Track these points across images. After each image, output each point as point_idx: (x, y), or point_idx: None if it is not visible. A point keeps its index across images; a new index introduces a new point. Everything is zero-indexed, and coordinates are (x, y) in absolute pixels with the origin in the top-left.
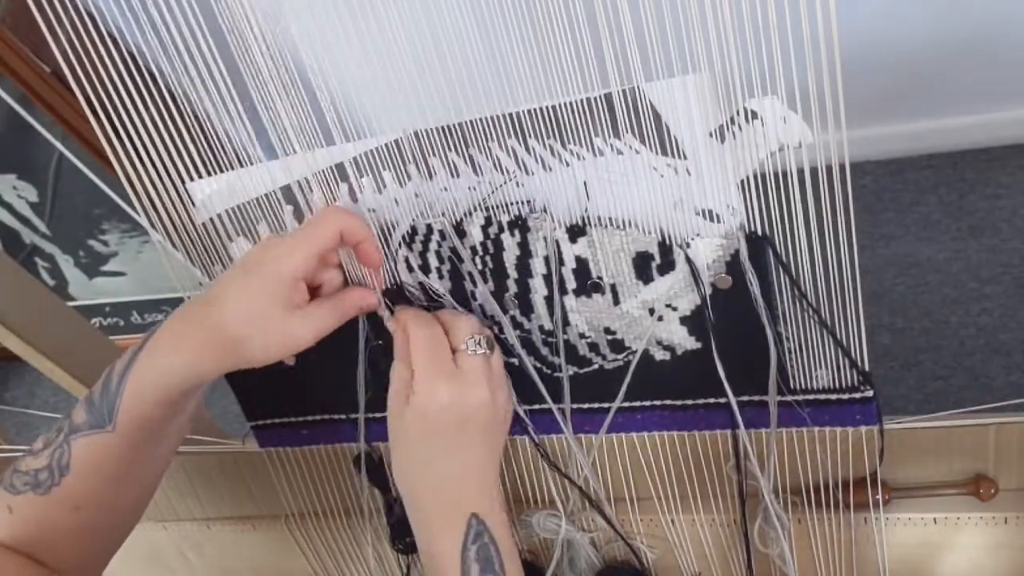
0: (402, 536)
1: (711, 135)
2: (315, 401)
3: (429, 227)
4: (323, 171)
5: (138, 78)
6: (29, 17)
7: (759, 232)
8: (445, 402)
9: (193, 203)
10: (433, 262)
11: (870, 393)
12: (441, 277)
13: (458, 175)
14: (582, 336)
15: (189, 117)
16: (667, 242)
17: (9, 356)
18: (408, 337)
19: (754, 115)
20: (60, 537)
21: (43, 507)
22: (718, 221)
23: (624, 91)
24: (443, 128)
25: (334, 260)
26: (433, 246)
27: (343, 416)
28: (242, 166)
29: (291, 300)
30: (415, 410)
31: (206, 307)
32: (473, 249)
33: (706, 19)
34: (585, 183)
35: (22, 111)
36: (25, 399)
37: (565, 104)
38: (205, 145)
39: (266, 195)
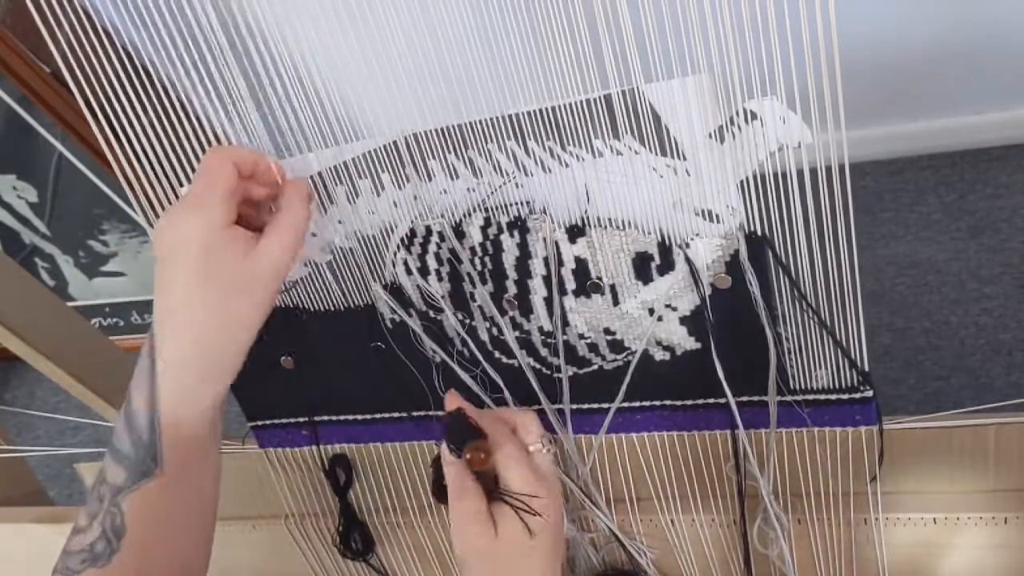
0: (347, 543)
1: (711, 136)
2: (314, 402)
3: (428, 229)
4: (321, 173)
5: (135, 79)
6: (29, 17)
7: (759, 232)
8: (554, 516)
9: None
10: (432, 264)
11: (870, 393)
12: (440, 279)
13: (457, 177)
14: (581, 337)
15: (188, 118)
16: (667, 242)
17: (9, 356)
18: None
19: (753, 116)
20: None
21: None
22: (718, 221)
23: (623, 92)
24: (442, 130)
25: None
26: (432, 248)
27: (342, 417)
28: None
29: (240, 250)
30: (514, 524)
31: (182, 314)
32: (472, 250)
33: (706, 20)
34: (585, 184)
35: (22, 111)
36: (25, 399)
37: (564, 105)
38: (204, 146)
39: None
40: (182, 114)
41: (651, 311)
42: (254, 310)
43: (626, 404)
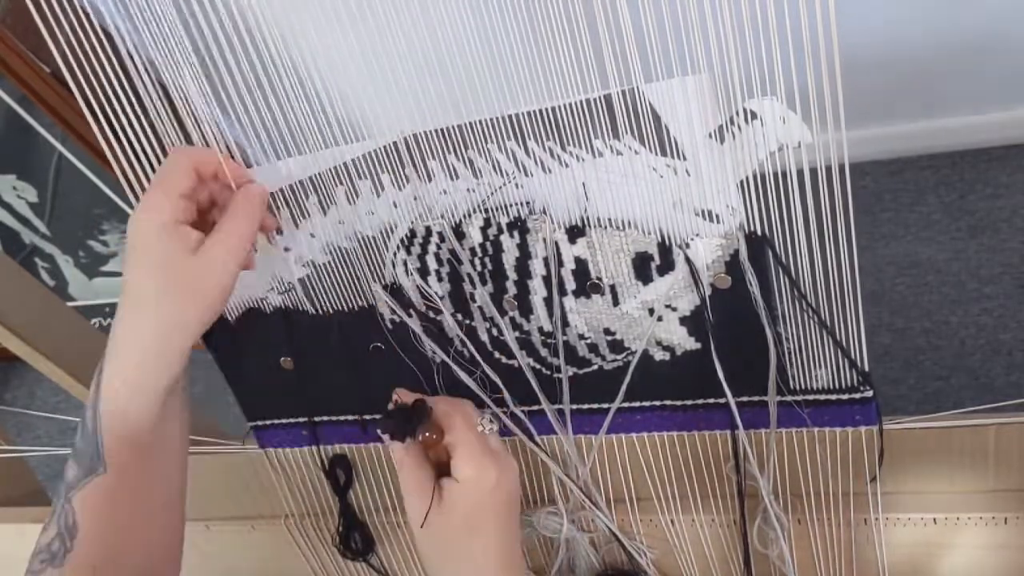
0: (347, 543)
1: (710, 136)
2: (314, 401)
3: (428, 229)
4: (321, 174)
5: (135, 79)
6: (29, 17)
7: (759, 232)
8: (493, 483)
9: None
10: (432, 264)
11: (870, 393)
12: (440, 280)
13: (457, 177)
14: (581, 337)
15: (188, 119)
16: (666, 243)
17: (9, 356)
18: (443, 426)
19: (753, 115)
20: None
21: None
22: (717, 221)
23: (623, 92)
24: (442, 130)
25: (205, 189)
26: (432, 248)
27: (342, 417)
28: None
29: (183, 248)
30: (465, 498)
31: (129, 303)
32: (472, 251)
33: (706, 20)
34: (584, 184)
35: (22, 111)
36: (25, 399)
37: (564, 106)
38: (204, 147)
39: None
40: (182, 114)
41: (651, 311)
42: (197, 307)
43: (626, 404)
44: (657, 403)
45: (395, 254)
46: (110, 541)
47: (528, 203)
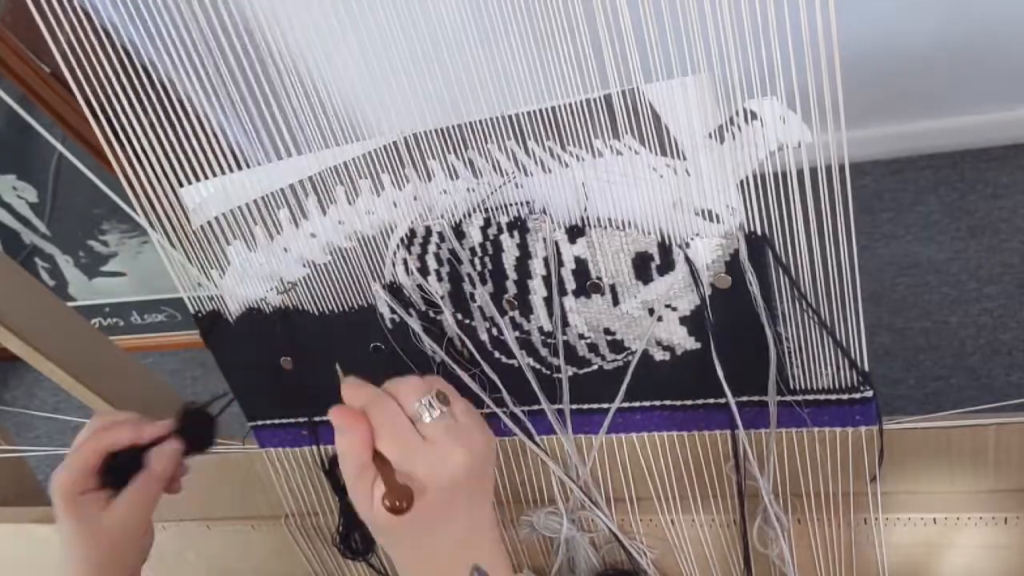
0: (348, 542)
1: (710, 136)
2: (314, 401)
3: (428, 229)
4: (321, 173)
5: (135, 78)
6: (29, 17)
7: (759, 232)
8: (428, 486)
9: (186, 208)
10: (432, 264)
11: (870, 393)
12: (440, 279)
13: (457, 177)
14: (581, 337)
15: (188, 118)
16: (666, 242)
17: (9, 356)
18: (360, 425)
19: (753, 115)
20: None
21: None
22: (717, 221)
23: (623, 92)
24: (442, 130)
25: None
26: (432, 248)
27: None
28: (240, 168)
29: (88, 512)
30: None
31: (61, 541)
32: (472, 251)
33: (706, 20)
34: (584, 184)
35: (22, 111)
36: (25, 399)
37: (564, 105)
38: (204, 147)
39: (263, 198)
40: (182, 114)
41: (651, 311)
42: (102, 550)
43: (626, 404)
44: (657, 403)
45: (395, 254)
46: None
47: (528, 203)
